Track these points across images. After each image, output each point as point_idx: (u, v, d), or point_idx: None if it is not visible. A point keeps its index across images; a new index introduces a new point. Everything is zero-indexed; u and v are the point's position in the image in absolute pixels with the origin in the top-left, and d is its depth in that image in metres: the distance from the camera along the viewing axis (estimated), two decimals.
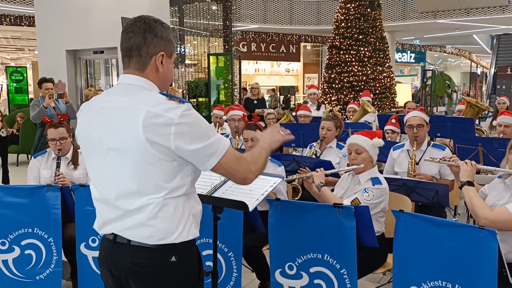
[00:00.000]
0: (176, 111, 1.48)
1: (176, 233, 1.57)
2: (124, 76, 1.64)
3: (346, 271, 2.42)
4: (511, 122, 4.15)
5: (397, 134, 5.03)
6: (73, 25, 7.41)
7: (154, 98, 1.54)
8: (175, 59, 1.72)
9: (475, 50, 26.15)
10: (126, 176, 1.55)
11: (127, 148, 1.52)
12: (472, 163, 2.48)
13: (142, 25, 1.58)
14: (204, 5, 12.19)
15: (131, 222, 1.57)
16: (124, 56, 1.62)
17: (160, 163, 1.51)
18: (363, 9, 10.69)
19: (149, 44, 1.58)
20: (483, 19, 14.59)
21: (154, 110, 1.48)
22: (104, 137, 1.58)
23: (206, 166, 1.55)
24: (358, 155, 2.90)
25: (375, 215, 2.82)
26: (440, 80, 15.55)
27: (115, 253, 1.63)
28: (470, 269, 2.04)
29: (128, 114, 1.52)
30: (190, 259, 1.65)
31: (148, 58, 1.59)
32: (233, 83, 10.29)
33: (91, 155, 1.65)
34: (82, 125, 1.67)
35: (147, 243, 1.57)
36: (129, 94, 1.57)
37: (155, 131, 1.47)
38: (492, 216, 2.21)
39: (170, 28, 1.68)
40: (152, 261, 1.58)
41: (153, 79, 1.62)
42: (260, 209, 2.91)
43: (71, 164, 3.42)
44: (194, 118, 1.52)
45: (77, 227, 2.93)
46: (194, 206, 1.65)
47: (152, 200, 1.54)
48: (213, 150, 1.53)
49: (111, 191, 1.60)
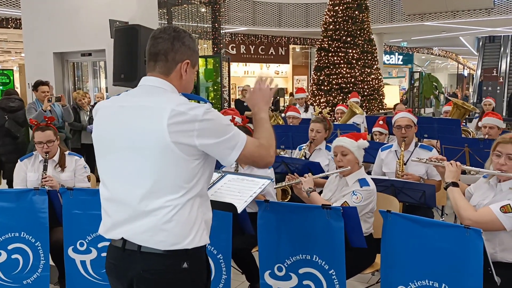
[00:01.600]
0: (200, 109, 1.54)
1: (189, 238, 1.57)
2: (147, 78, 1.67)
3: (334, 271, 2.43)
4: (495, 124, 4.21)
5: (385, 135, 5.07)
6: (60, 27, 7.35)
7: (178, 98, 1.60)
8: (196, 70, 1.78)
9: (462, 52, 26.48)
10: (147, 175, 1.55)
11: (149, 147, 1.53)
12: (457, 164, 2.51)
13: (172, 33, 1.65)
14: (192, 7, 12.17)
15: (145, 226, 1.56)
16: (150, 60, 1.67)
17: (182, 163, 1.54)
18: (351, 12, 10.77)
19: (176, 50, 1.64)
20: (469, 22, 14.78)
21: (178, 108, 1.53)
22: (123, 136, 1.58)
23: (229, 158, 1.60)
24: (344, 156, 2.93)
25: (363, 216, 2.84)
26: (428, 82, 15.71)
27: (125, 260, 1.61)
28: (456, 268, 2.07)
29: (152, 113, 1.54)
30: (200, 266, 1.65)
31: (174, 64, 1.65)
32: (222, 85, 10.28)
33: (106, 154, 1.65)
34: (99, 124, 1.68)
35: (159, 248, 1.56)
36: (152, 95, 1.61)
37: (180, 129, 1.51)
38: (475, 217, 2.24)
39: (195, 40, 1.71)
40: (164, 267, 1.57)
41: (176, 85, 1.67)
42: (249, 211, 2.91)
43: (58, 166, 3.40)
44: (216, 115, 1.58)
45: (64, 231, 2.90)
46: (206, 213, 1.66)
47: (169, 202, 1.55)
48: (234, 142, 1.59)
49: (128, 189, 1.59)
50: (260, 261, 2.67)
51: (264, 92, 1.83)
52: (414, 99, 15.44)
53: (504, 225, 2.20)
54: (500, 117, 4.36)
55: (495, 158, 2.38)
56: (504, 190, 2.35)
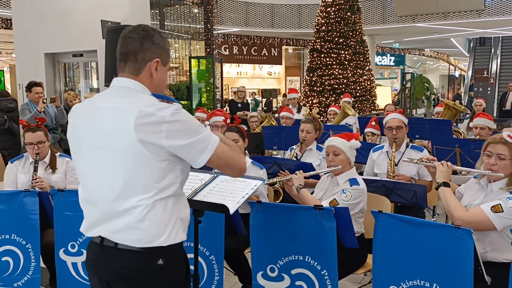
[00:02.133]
0: (168, 110, 1.53)
1: (164, 236, 1.59)
2: (118, 79, 1.67)
3: (327, 272, 2.44)
4: (486, 124, 4.25)
5: (377, 136, 5.09)
6: (51, 27, 7.30)
7: (147, 99, 1.59)
8: (169, 68, 1.77)
9: (453, 53, 26.67)
10: (117, 176, 1.57)
11: (118, 148, 1.55)
12: (448, 164, 2.53)
13: (141, 32, 1.64)
14: (185, 8, 12.13)
15: (119, 225, 1.58)
16: (120, 61, 1.67)
17: (151, 163, 1.54)
18: (343, 13, 10.80)
19: (145, 50, 1.64)
20: (460, 23, 14.90)
21: (146, 110, 1.52)
22: (96, 137, 1.60)
23: (199, 161, 1.59)
24: (336, 156, 2.94)
25: (354, 216, 2.85)
26: (419, 83, 15.80)
27: (103, 256, 1.63)
28: (447, 268, 2.08)
29: (121, 114, 1.55)
30: (177, 263, 1.66)
31: (143, 63, 1.64)
32: (215, 86, 10.26)
33: (81, 156, 1.67)
34: (73, 125, 1.69)
35: (134, 246, 1.58)
36: (122, 96, 1.61)
37: (147, 130, 1.51)
38: (466, 217, 2.26)
39: (167, 38, 1.73)
40: (139, 264, 1.59)
41: (147, 84, 1.66)
42: (241, 212, 2.91)
43: (49, 168, 3.38)
44: (185, 116, 1.57)
45: (56, 233, 2.88)
46: (182, 210, 1.67)
47: (141, 202, 1.56)
48: (205, 144, 1.58)
49: (101, 191, 1.61)
50: (252, 262, 2.67)
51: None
52: (406, 100, 15.52)
53: (495, 225, 2.22)
54: (491, 117, 4.39)
55: (486, 158, 2.40)
56: (495, 191, 2.37)
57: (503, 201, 2.23)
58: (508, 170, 2.34)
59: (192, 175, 2.33)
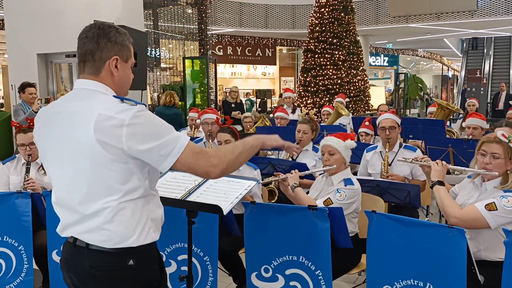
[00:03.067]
0: (128, 112, 1.49)
1: (133, 237, 1.57)
2: (79, 81, 1.65)
3: (321, 272, 2.44)
4: (479, 124, 4.27)
5: (371, 136, 5.10)
6: (44, 28, 7.26)
7: (107, 101, 1.54)
8: (133, 64, 1.71)
9: (446, 54, 26.81)
10: (82, 180, 1.56)
11: (80, 152, 1.53)
12: (442, 163, 2.54)
13: (96, 31, 1.61)
14: (179, 8, 12.12)
15: (89, 226, 1.58)
16: (80, 62, 1.64)
17: (114, 165, 1.52)
18: (337, 14, 10.83)
19: (102, 48, 1.60)
20: (453, 23, 15.00)
21: (106, 113, 1.49)
22: (59, 143, 1.59)
23: (163, 165, 1.53)
24: (331, 156, 2.95)
25: (348, 216, 2.85)
26: (413, 83, 15.88)
27: (75, 256, 1.63)
28: (441, 267, 2.09)
29: (81, 119, 1.53)
30: (149, 263, 1.65)
31: (101, 62, 1.61)
32: (209, 86, 10.26)
33: (49, 161, 1.66)
34: (39, 131, 1.68)
35: (104, 246, 1.57)
36: (83, 99, 1.58)
37: (107, 132, 1.48)
38: (461, 215, 2.27)
39: (127, 34, 1.68)
40: (109, 264, 1.58)
41: (109, 83, 1.63)
42: (235, 212, 2.91)
43: (42, 169, 3.35)
44: (147, 119, 1.51)
45: (48, 234, 2.86)
46: (153, 210, 1.64)
47: (108, 204, 1.54)
48: (169, 149, 1.51)
49: (68, 195, 1.61)
50: (246, 262, 2.66)
51: (275, 136, 1.82)
52: (400, 100, 15.59)
53: (489, 223, 2.23)
54: (483, 117, 4.41)
55: (480, 157, 2.41)
56: (489, 189, 2.38)
57: (497, 200, 2.24)
58: (502, 169, 2.36)
59: (186, 175, 2.33)
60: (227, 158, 1.61)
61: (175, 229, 2.21)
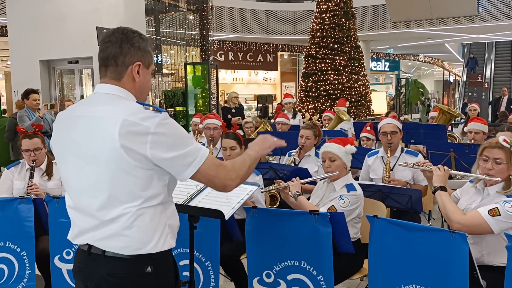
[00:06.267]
0: (153, 120, 1.49)
1: (152, 243, 1.57)
2: (100, 86, 1.64)
3: (323, 277, 2.44)
4: (480, 129, 4.26)
5: (373, 141, 5.11)
6: (47, 34, 7.31)
7: (131, 107, 1.54)
8: (153, 70, 1.73)
9: (447, 59, 26.85)
10: (102, 185, 1.54)
11: (102, 156, 1.52)
12: (444, 168, 2.54)
13: (120, 36, 1.60)
14: (180, 14, 12.18)
15: (106, 232, 1.56)
16: (101, 66, 1.63)
17: (136, 171, 1.51)
18: (337, 19, 10.88)
19: (125, 53, 1.59)
20: (454, 28, 15.03)
21: (131, 119, 1.48)
22: (80, 146, 1.57)
23: (184, 175, 1.55)
24: (332, 162, 2.94)
25: (351, 221, 2.86)
26: (414, 88, 15.91)
27: (90, 264, 1.61)
28: (443, 272, 2.08)
29: (105, 123, 1.51)
30: (166, 270, 1.64)
31: (124, 67, 1.60)
32: (211, 92, 10.29)
33: (66, 164, 1.64)
34: (58, 134, 1.67)
35: (122, 253, 1.56)
36: (106, 104, 1.57)
37: (131, 139, 1.48)
38: (464, 220, 2.27)
39: (149, 40, 1.68)
40: (127, 272, 1.57)
41: (130, 88, 1.62)
42: (237, 218, 2.91)
43: (45, 175, 3.36)
44: (171, 127, 1.52)
45: (51, 240, 2.87)
46: (170, 217, 1.64)
47: (127, 210, 1.53)
48: (191, 159, 1.53)
49: (86, 200, 1.59)
50: (248, 267, 2.66)
51: (268, 141, 1.84)
52: (401, 105, 15.60)
53: (492, 228, 2.22)
54: (485, 122, 4.41)
55: (482, 162, 2.41)
56: (492, 194, 2.37)
57: (500, 205, 2.24)
58: (504, 174, 2.35)
59: (188, 181, 2.33)
60: (242, 172, 1.66)
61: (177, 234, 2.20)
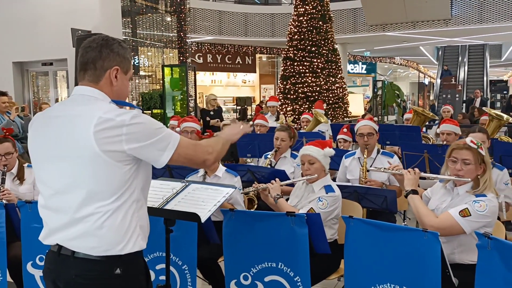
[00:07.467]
0: (128, 114, 1.55)
1: (122, 244, 1.58)
2: (78, 88, 1.68)
3: (300, 278, 2.45)
4: (453, 130, 4.36)
5: (350, 143, 5.16)
6: (20, 36, 7.16)
7: (106, 106, 1.60)
8: (131, 77, 1.78)
9: (422, 61, 27.36)
10: (80, 184, 1.56)
11: (79, 156, 1.54)
12: (415, 171, 2.58)
13: (100, 42, 1.66)
14: (157, 16, 12.08)
15: (76, 232, 1.57)
16: (80, 70, 1.68)
17: (112, 169, 1.54)
18: (315, 22, 10.97)
19: (104, 58, 1.65)
20: (429, 32, 15.33)
21: (105, 116, 1.53)
22: (55, 146, 1.59)
23: (162, 160, 1.61)
24: (311, 165, 2.97)
25: (329, 222, 2.88)
26: (390, 90, 16.16)
27: (59, 265, 1.61)
28: (416, 271, 2.12)
29: (80, 122, 1.55)
30: (136, 272, 1.65)
31: (102, 71, 1.65)
32: (189, 94, 10.23)
33: (40, 165, 1.66)
34: (34, 134, 1.69)
35: (91, 254, 1.56)
36: (82, 104, 1.61)
37: (107, 135, 1.51)
38: (437, 223, 2.31)
39: (129, 49, 1.74)
40: (96, 273, 1.57)
41: (107, 92, 1.67)
42: (215, 219, 2.90)
43: (17, 179, 3.29)
44: (145, 119, 1.59)
45: (23, 246, 2.80)
46: (142, 218, 1.66)
47: (99, 209, 1.55)
48: (165, 143, 1.60)
49: (61, 198, 1.60)
50: (225, 270, 2.66)
51: (236, 128, 1.96)
52: (378, 107, 15.82)
53: (464, 229, 2.28)
54: (457, 123, 4.50)
55: (451, 164, 2.47)
56: (461, 194, 2.43)
57: (470, 205, 2.30)
58: (473, 174, 2.41)
59: (164, 184, 2.32)
60: (217, 147, 1.78)
61: (153, 238, 2.17)
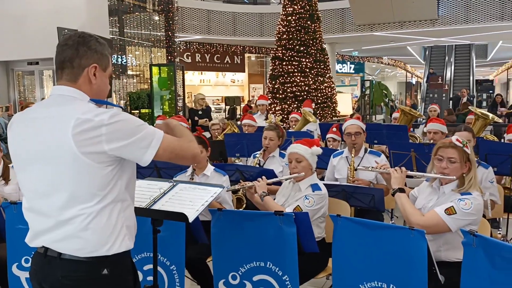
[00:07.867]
0: (106, 114, 1.52)
1: (108, 245, 1.56)
2: (56, 88, 1.64)
3: (288, 277, 2.45)
4: (439, 129, 4.41)
5: (339, 142, 5.18)
6: (5, 34, 7.06)
7: (85, 106, 1.56)
8: (110, 74, 1.74)
9: (410, 61, 27.61)
10: (61, 186, 1.54)
11: (59, 158, 1.52)
12: (402, 170, 2.60)
13: (77, 39, 1.62)
14: (145, 15, 12.01)
15: (62, 234, 1.55)
16: (58, 69, 1.64)
17: (93, 170, 1.52)
18: (303, 22, 10.98)
19: (81, 56, 1.60)
20: (416, 32, 15.47)
21: (84, 116, 1.50)
22: (35, 148, 1.56)
23: (145, 158, 1.57)
24: (299, 163, 2.98)
25: (316, 221, 2.89)
26: (378, 90, 16.25)
27: (45, 266, 1.59)
28: (403, 269, 2.14)
29: (58, 123, 1.52)
30: (123, 272, 1.64)
31: (80, 69, 1.61)
32: (177, 94, 10.19)
33: (22, 166, 1.63)
34: (14, 136, 1.66)
35: (77, 255, 1.55)
36: (60, 104, 1.58)
37: (86, 137, 1.48)
38: (423, 222, 2.34)
39: (106, 45, 1.70)
40: (82, 274, 1.56)
41: (86, 90, 1.63)
42: (204, 219, 2.89)
43: (2, 179, 3.25)
44: (124, 117, 1.56)
45: (8, 247, 2.76)
46: (128, 218, 1.65)
47: (83, 211, 1.53)
48: (148, 141, 1.56)
49: (43, 201, 1.58)
50: (214, 270, 2.65)
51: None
52: (366, 106, 15.92)
53: (450, 227, 2.31)
54: (443, 122, 4.56)
55: (437, 162, 2.49)
56: (447, 193, 2.46)
57: (455, 203, 2.32)
58: (459, 172, 2.44)
59: (151, 184, 2.30)
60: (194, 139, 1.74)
61: (140, 238, 2.16)
